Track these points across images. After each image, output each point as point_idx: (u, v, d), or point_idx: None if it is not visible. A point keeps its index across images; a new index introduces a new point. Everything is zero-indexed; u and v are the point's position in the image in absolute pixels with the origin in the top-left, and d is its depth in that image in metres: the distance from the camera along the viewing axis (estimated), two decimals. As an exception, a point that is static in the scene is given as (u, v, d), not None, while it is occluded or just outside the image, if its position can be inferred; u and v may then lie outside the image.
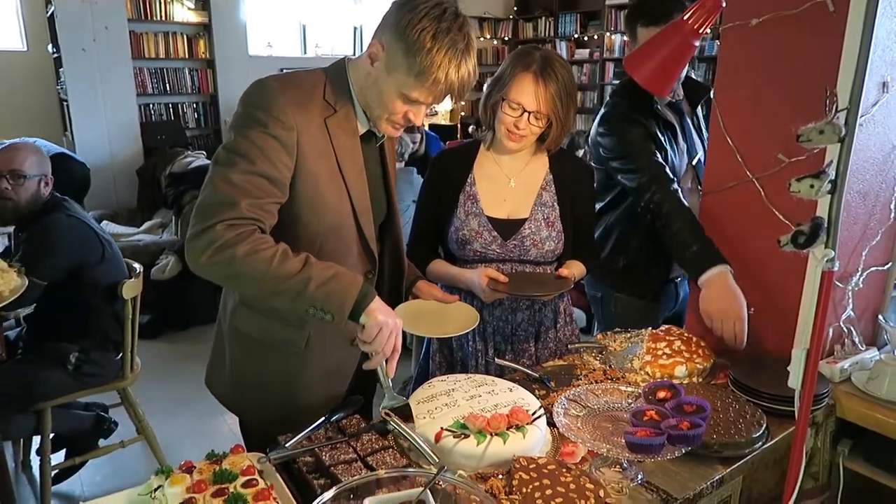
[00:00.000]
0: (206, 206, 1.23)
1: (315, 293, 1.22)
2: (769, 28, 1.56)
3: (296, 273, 1.22)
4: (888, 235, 1.69)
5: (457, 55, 1.26)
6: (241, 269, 1.21)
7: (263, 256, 1.20)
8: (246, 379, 1.50)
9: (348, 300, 1.23)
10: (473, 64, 1.30)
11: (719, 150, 1.71)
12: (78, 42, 5.59)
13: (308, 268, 1.23)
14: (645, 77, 1.48)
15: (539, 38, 8.87)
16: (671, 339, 1.65)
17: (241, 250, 1.19)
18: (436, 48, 1.23)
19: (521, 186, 1.79)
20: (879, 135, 1.56)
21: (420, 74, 1.26)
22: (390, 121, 1.37)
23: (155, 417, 2.80)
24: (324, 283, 1.22)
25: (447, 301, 1.66)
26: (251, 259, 1.20)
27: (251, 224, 1.23)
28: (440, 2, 1.26)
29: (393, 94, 1.31)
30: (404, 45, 1.25)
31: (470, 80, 1.30)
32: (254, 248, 1.20)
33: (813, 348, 1.01)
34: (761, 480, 1.37)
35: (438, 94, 1.30)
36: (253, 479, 1.11)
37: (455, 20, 1.26)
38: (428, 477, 1.05)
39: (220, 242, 1.19)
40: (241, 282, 1.27)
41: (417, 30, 1.23)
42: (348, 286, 1.25)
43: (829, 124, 0.90)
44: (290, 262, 1.22)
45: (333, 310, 1.23)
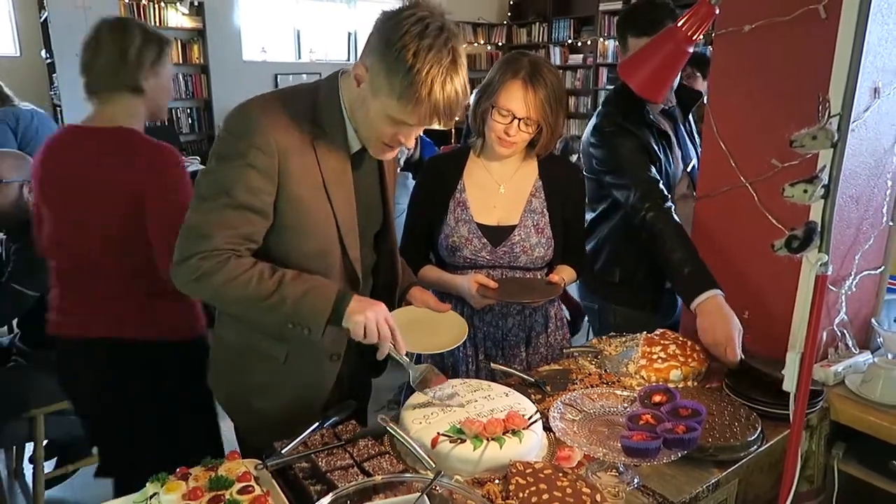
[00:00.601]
0: (185, 238, 1.29)
1: (291, 311, 1.28)
2: (762, 34, 1.57)
3: (271, 294, 1.27)
4: (880, 239, 1.71)
5: (441, 73, 1.18)
6: (220, 296, 1.30)
7: (239, 282, 1.26)
8: (233, 385, 1.52)
9: (322, 314, 1.28)
10: (461, 81, 1.22)
11: (713, 155, 1.72)
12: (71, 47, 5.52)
13: (282, 287, 1.27)
14: (639, 84, 1.49)
15: (533, 43, 8.91)
16: (666, 343, 1.66)
17: (219, 279, 1.26)
18: (417, 66, 1.16)
19: (510, 193, 1.79)
20: (871, 139, 1.57)
21: (403, 96, 1.19)
22: (379, 143, 1.33)
23: (149, 424, 2.78)
24: (297, 300, 1.27)
25: (440, 310, 1.65)
26: (228, 287, 1.26)
27: (226, 253, 1.27)
28: (423, 17, 1.18)
29: (380, 116, 1.26)
30: (385, 65, 1.19)
31: (458, 98, 1.22)
32: (229, 276, 1.26)
33: (807, 352, 1.02)
34: (757, 484, 1.37)
35: (424, 115, 1.22)
36: (249, 485, 1.10)
37: (439, 35, 1.18)
38: (425, 482, 1.04)
39: (199, 274, 1.26)
40: (224, 305, 1.39)
41: (398, 48, 1.16)
42: (322, 300, 1.29)
43: (822, 130, 0.91)
44: (265, 284, 1.27)
45: (310, 324, 1.29)
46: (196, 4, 6.52)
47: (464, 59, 1.23)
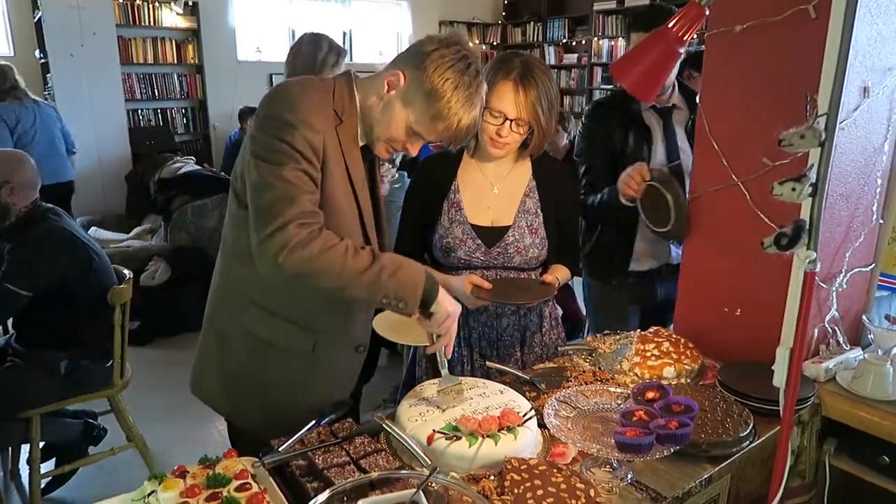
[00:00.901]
0: (271, 206, 1.25)
1: (388, 283, 1.29)
2: (753, 34, 1.58)
3: (368, 266, 1.28)
4: (871, 237, 1.73)
5: (470, 108, 1.34)
6: (317, 266, 1.25)
7: (336, 252, 1.26)
8: (246, 380, 1.50)
9: (419, 289, 1.32)
10: (478, 115, 1.39)
11: (706, 155, 1.73)
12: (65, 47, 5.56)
13: (378, 259, 1.30)
14: (631, 84, 1.50)
15: (527, 43, 8.93)
16: (660, 340, 1.68)
17: (316, 248, 1.24)
18: (454, 99, 1.32)
19: (504, 194, 1.80)
20: (861, 138, 1.59)
21: (434, 118, 1.33)
22: (388, 144, 1.42)
23: (145, 424, 2.79)
24: (394, 272, 1.30)
25: None
26: (325, 256, 1.25)
27: (316, 219, 1.28)
28: (466, 55, 1.34)
29: (402, 125, 1.37)
30: (427, 87, 1.31)
31: (474, 128, 1.40)
32: (326, 244, 1.25)
33: (796, 347, 1.03)
34: (749, 479, 1.39)
35: (444, 137, 1.38)
36: (246, 482, 1.11)
37: (476, 77, 1.35)
38: (420, 478, 1.06)
39: (295, 241, 1.23)
40: (318, 278, 1.28)
41: (443, 78, 1.31)
42: (416, 275, 1.33)
43: (810, 129, 0.93)
44: (360, 255, 1.28)
45: (406, 297, 1.31)
46: (190, 4, 6.51)
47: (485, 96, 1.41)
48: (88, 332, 2.48)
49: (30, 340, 2.49)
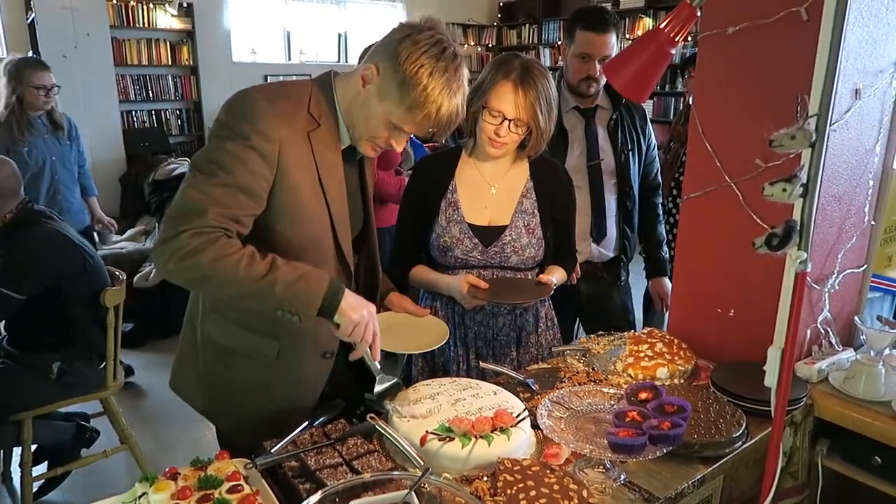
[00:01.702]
0: (175, 214, 1.25)
1: (282, 295, 1.24)
2: (746, 36, 1.59)
3: (262, 276, 1.23)
4: (863, 238, 1.73)
5: (449, 94, 1.29)
6: (207, 275, 1.23)
7: (229, 261, 1.22)
8: (218, 386, 1.50)
9: (315, 300, 1.25)
10: (462, 102, 1.33)
11: (698, 155, 1.74)
12: (59, 49, 5.54)
13: (274, 270, 1.24)
14: (623, 84, 1.50)
15: (523, 44, 8.94)
16: (653, 341, 1.68)
17: (207, 257, 1.21)
18: (431, 85, 1.26)
19: (501, 193, 1.80)
20: (853, 140, 1.60)
21: (411, 108, 1.28)
22: (371, 142, 1.39)
23: (138, 426, 2.78)
24: (290, 284, 1.24)
25: (418, 314, 1.67)
26: (217, 265, 1.21)
27: (217, 231, 1.24)
28: (440, 39, 1.28)
29: (380, 119, 1.33)
30: (400, 77, 1.27)
31: (456, 118, 1.34)
32: (219, 254, 1.22)
33: (787, 347, 1.03)
34: (742, 479, 1.39)
35: (424, 127, 1.33)
36: (238, 484, 1.11)
37: (453, 60, 1.29)
38: (413, 479, 1.05)
39: (186, 250, 1.21)
40: (209, 286, 1.29)
41: (416, 65, 1.25)
42: (315, 286, 1.26)
43: (801, 130, 0.93)
44: (256, 265, 1.24)
45: (300, 311, 1.25)
46: (185, 6, 6.49)
47: (466, 82, 1.34)
48: (81, 334, 2.46)
49: (22, 342, 2.48)
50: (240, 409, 1.49)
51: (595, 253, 2.34)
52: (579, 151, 2.28)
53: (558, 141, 2.22)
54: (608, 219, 2.35)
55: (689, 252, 1.85)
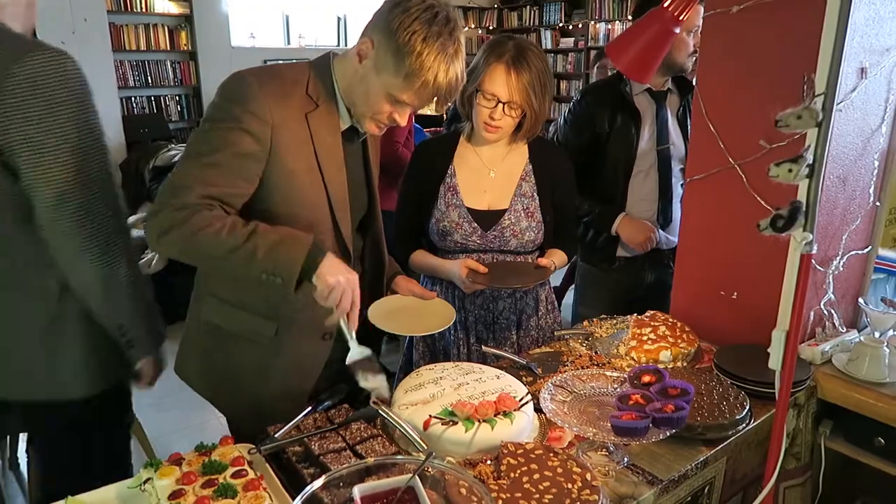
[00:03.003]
0: (162, 192, 1.27)
1: (263, 259, 1.24)
2: (750, 15, 1.57)
3: (243, 242, 1.24)
4: (867, 219, 1.72)
5: (446, 59, 1.26)
6: (190, 248, 1.26)
7: (210, 231, 1.23)
8: (218, 370, 1.51)
9: (296, 263, 1.24)
10: (461, 68, 1.30)
11: (702, 137, 1.72)
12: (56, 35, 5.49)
13: (254, 236, 1.25)
14: (626, 65, 1.49)
15: (524, 27, 8.86)
16: (656, 324, 1.68)
17: (187, 230, 1.23)
18: (426, 52, 1.23)
19: (500, 177, 1.79)
20: (858, 120, 1.58)
21: (408, 76, 1.26)
22: (374, 119, 1.37)
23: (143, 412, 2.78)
24: (270, 248, 1.24)
25: (425, 297, 1.66)
26: (198, 237, 1.23)
27: (198, 207, 1.24)
28: (432, 5, 1.26)
29: (380, 93, 1.31)
30: (394, 46, 1.24)
31: (458, 84, 1.31)
32: (198, 225, 1.23)
33: (792, 330, 1.03)
34: (745, 461, 1.39)
35: (425, 96, 1.30)
36: (242, 469, 1.11)
37: (446, 24, 1.26)
38: (417, 463, 1.05)
39: (167, 225, 1.24)
40: (194, 257, 1.31)
41: (409, 32, 1.23)
42: (296, 249, 1.25)
43: (807, 109, 0.92)
44: (237, 232, 1.24)
45: (282, 273, 1.25)
46: (183, -10, 6.44)
47: (464, 47, 1.31)
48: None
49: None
50: (240, 393, 1.49)
51: (662, 239, 2.28)
52: (649, 135, 2.24)
53: (630, 123, 2.20)
54: (674, 203, 2.30)
55: (692, 234, 1.84)
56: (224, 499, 1.04)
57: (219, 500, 1.04)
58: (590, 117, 2.23)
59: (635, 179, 2.25)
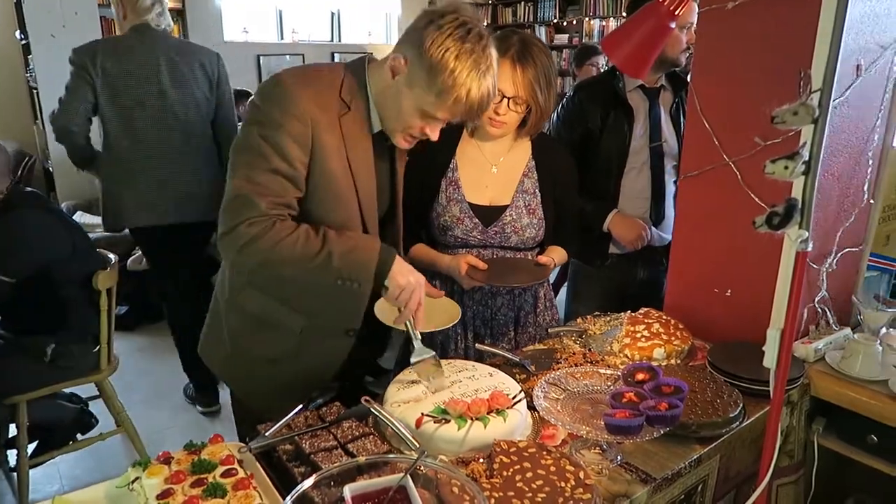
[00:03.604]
0: (230, 208, 1.31)
1: (339, 265, 1.32)
2: (745, 11, 1.56)
3: (319, 251, 1.31)
4: (862, 217, 1.72)
5: (479, 75, 1.27)
6: (269, 259, 1.31)
7: (287, 243, 1.29)
8: (240, 350, 1.54)
9: (370, 266, 1.33)
10: (493, 82, 1.32)
11: (696, 134, 1.72)
12: (47, 28, 5.44)
13: (328, 243, 1.32)
14: (622, 60, 1.47)
15: (518, 23, 8.83)
16: (650, 321, 1.67)
17: (265, 244, 1.28)
18: (458, 68, 1.25)
19: (503, 173, 1.78)
20: (853, 117, 1.58)
21: (441, 93, 1.27)
22: (404, 134, 1.39)
23: (134, 409, 2.77)
24: (345, 254, 1.32)
25: (433, 296, 1.63)
26: (277, 249, 1.29)
27: (271, 219, 1.30)
28: (465, 21, 1.27)
29: (412, 109, 1.33)
30: (427, 63, 1.26)
31: (489, 98, 1.33)
32: (276, 238, 1.29)
33: (787, 328, 1.02)
34: (738, 459, 1.39)
35: (458, 111, 1.32)
36: (232, 468, 1.10)
37: (479, 41, 1.27)
38: (409, 462, 1.04)
39: (245, 240, 1.29)
40: (274, 268, 1.36)
41: (442, 49, 1.25)
42: (368, 252, 1.34)
43: (803, 105, 0.91)
44: (311, 242, 1.31)
45: (358, 278, 1.34)
46: (175, -16, 6.38)
47: (496, 62, 1.32)
48: (75, 317, 2.44)
49: (15, 325, 2.46)
50: (259, 377, 1.53)
51: (655, 236, 2.28)
52: (642, 132, 2.23)
53: (623, 119, 2.19)
54: (667, 200, 2.29)
55: (686, 231, 1.84)
56: (213, 498, 1.03)
57: (208, 499, 1.02)
58: (582, 113, 2.22)
59: (628, 177, 2.24)
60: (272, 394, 1.50)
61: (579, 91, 2.32)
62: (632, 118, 2.20)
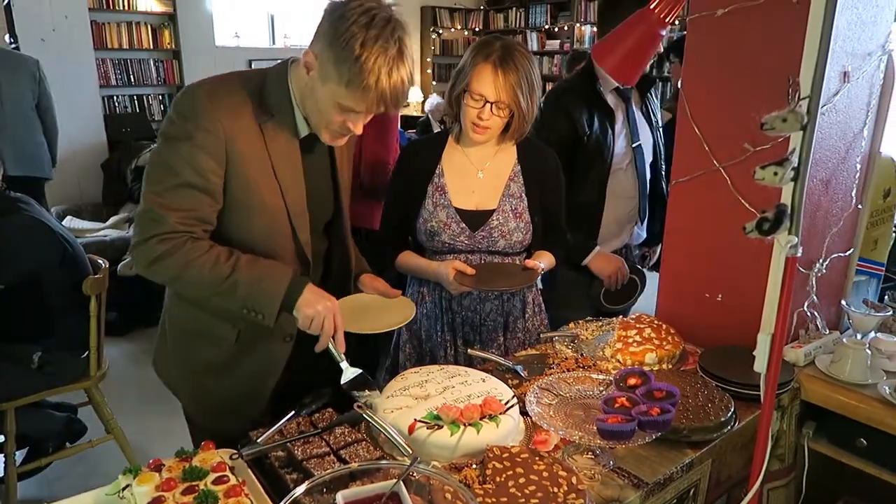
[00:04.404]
0: (141, 221, 1.31)
1: (244, 296, 1.30)
2: (735, 18, 1.57)
3: (226, 277, 1.29)
4: (850, 222, 1.74)
5: (388, 62, 1.21)
6: (177, 277, 1.32)
7: (196, 265, 1.28)
8: (182, 366, 1.53)
9: (275, 301, 1.30)
10: (408, 70, 1.26)
11: (687, 140, 1.73)
12: (36, 32, 5.41)
13: (237, 271, 1.30)
14: (612, 67, 1.49)
15: (510, 28, 8.87)
16: (641, 326, 1.68)
17: (175, 262, 1.28)
18: (364, 55, 1.20)
19: (489, 178, 1.79)
20: (841, 123, 1.59)
21: (350, 83, 1.22)
22: (329, 130, 1.35)
23: (124, 416, 2.75)
24: (251, 285, 1.30)
25: (390, 295, 1.62)
26: (184, 269, 1.29)
27: (183, 236, 1.29)
28: (370, 8, 1.22)
29: (328, 103, 1.29)
30: (334, 53, 1.22)
31: (404, 87, 1.26)
32: (186, 259, 1.28)
33: (777, 333, 1.03)
34: (730, 463, 1.40)
35: (371, 102, 1.26)
36: (224, 475, 1.09)
37: (385, 25, 1.22)
38: (401, 468, 1.04)
39: (155, 255, 1.28)
40: (182, 286, 1.38)
41: (346, 37, 1.20)
42: (275, 287, 1.31)
43: (792, 112, 0.92)
44: (220, 267, 1.29)
45: (263, 311, 1.31)
46: (166, -12, 6.36)
47: (410, 49, 1.27)
48: (62, 324, 2.42)
49: (2, 332, 2.43)
50: (202, 389, 1.51)
51: (636, 237, 2.33)
52: (623, 133, 2.25)
53: (605, 121, 2.19)
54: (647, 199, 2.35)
55: (677, 236, 1.85)
56: (205, 506, 1.02)
57: (199, 507, 1.02)
58: (568, 116, 2.19)
59: (615, 178, 2.24)
60: (220, 408, 1.49)
61: (564, 94, 2.27)
62: (613, 120, 2.22)
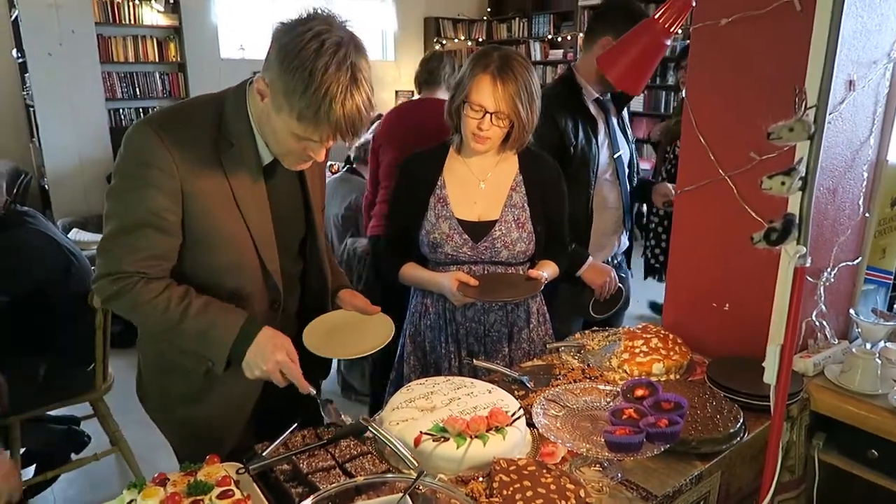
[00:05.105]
0: (98, 257, 1.30)
1: (193, 343, 1.33)
2: (739, 28, 1.57)
3: (174, 325, 1.29)
4: (857, 230, 1.72)
5: (340, 91, 1.13)
6: (132, 317, 1.34)
7: (146, 308, 1.28)
8: (158, 397, 1.52)
9: (223, 351, 1.31)
10: (364, 96, 1.17)
11: (692, 149, 1.72)
12: (44, 46, 5.47)
13: (184, 320, 1.28)
14: (617, 76, 1.49)
15: (513, 39, 8.91)
16: (648, 336, 1.67)
17: (125, 304, 1.29)
18: (314, 87, 1.12)
19: (491, 188, 1.79)
20: (847, 132, 1.59)
21: (302, 116, 1.15)
22: (289, 157, 1.30)
23: (130, 429, 2.74)
24: (200, 334, 1.30)
25: (369, 311, 1.56)
26: (135, 310, 1.30)
27: (134, 277, 1.28)
28: (319, 32, 1.14)
29: (284, 132, 1.22)
30: (283, 84, 1.15)
31: (361, 114, 1.18)
32: (136, 301, 1.28)
33: (787, 344, 1.02)
34: (739, 475, 1.38)
35: (325, 133, 1.19)
36: (229, 489, 1.08)
37: (336, 51, 1.13)
38: (407, 482, 1.03)
39: (107, 294, 1.29)
40: (138, 325, 1.44)
41: (294, 67, 1.12)
42: (223, 336, 1.30)
43: (799, 122, 0.91)
44: (170, 314, 1.28)
45: (213, 359, 1.34)
46: (172, 2, 6.41)
47: (366, 73, 1.19)
48: (68, 337, 2.42)
49: (8, 345, 2.43)
50: (179, 419, 1.50)
51: (624, 244, 2.34)
52: (605, 143, 2.24)
53: (590, 132, 2.17)
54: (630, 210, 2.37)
55: (683, 246, 1.84)
56: (210, 520, 1.01)
57: (204, 521, 1.01)
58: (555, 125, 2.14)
59: (600, 189, 2.23)
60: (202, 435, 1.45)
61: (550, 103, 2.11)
62: (596, 129, 2.21)
